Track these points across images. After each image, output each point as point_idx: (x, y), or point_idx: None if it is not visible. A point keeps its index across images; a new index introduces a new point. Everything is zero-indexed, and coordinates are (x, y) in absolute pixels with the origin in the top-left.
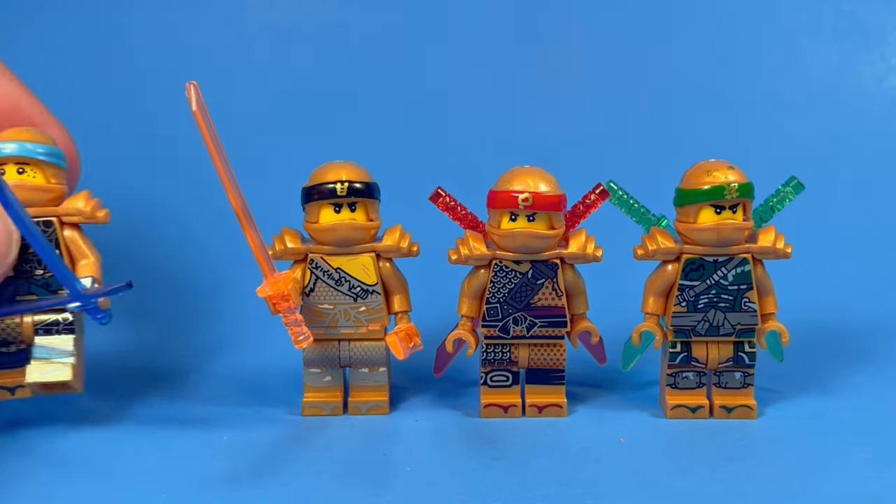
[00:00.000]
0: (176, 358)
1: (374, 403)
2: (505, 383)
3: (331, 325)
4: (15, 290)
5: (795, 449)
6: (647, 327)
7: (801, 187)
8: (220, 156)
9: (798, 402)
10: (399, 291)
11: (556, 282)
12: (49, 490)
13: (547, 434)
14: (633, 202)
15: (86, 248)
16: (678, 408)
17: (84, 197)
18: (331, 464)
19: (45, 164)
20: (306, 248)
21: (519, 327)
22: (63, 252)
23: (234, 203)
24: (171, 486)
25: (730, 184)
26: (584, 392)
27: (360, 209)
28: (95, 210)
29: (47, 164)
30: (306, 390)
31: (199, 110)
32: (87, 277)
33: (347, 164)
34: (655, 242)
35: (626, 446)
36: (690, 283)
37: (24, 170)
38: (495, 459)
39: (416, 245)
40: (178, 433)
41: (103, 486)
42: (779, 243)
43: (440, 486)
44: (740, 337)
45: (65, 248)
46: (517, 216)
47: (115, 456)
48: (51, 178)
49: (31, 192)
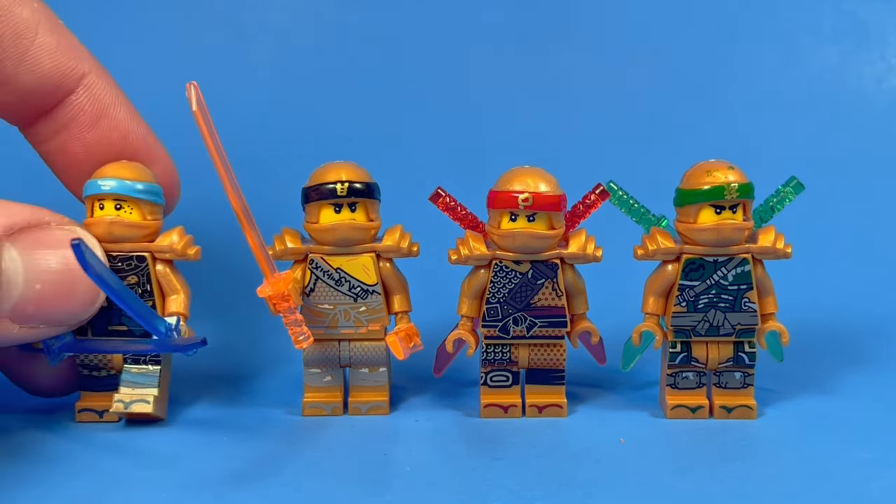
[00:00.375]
0: (176, 359)
1: (374, 403)
2: (505, 383)
3: (331, 326)
4: (108, 320)
5: (795, 449)
6: (647, 327)
7: (801, 187)
8: (220, 156)
9: (798, 402)
10: (399, 291)
11: (556, 282)
12: (49, 490)
13: (547, 434)
14: (633, 202)
15: (177, 283)
16: (678, 408)
17: (178, 233)
18: (331, 464)
19: (143, 201)
20: (306, 248)
21: (519, 327)
22: (154, 286)
23: (235, 203)
24: (172, 486)
25: (730, 184)
26: (584, 392)
27: (361, 209)
28: (187, 248)
29: (144, 201)
30: (306, 390)
31: (200, 110)
32: (173, 316)
33: (347, 164)
34: (655, 242)
35: (626, 446)
36: (690, 283)
37: (122, 206)
38: (495, 459)
39: (416, 245)
40: (178, 434)
41: (103, 485)
42: (779, 243)
43: (440, 486)
44: (740, 337)
45: (156, 283)
46: (517, 216)
47: (115, 456)
48: (147, 214)
49: (127, 228)
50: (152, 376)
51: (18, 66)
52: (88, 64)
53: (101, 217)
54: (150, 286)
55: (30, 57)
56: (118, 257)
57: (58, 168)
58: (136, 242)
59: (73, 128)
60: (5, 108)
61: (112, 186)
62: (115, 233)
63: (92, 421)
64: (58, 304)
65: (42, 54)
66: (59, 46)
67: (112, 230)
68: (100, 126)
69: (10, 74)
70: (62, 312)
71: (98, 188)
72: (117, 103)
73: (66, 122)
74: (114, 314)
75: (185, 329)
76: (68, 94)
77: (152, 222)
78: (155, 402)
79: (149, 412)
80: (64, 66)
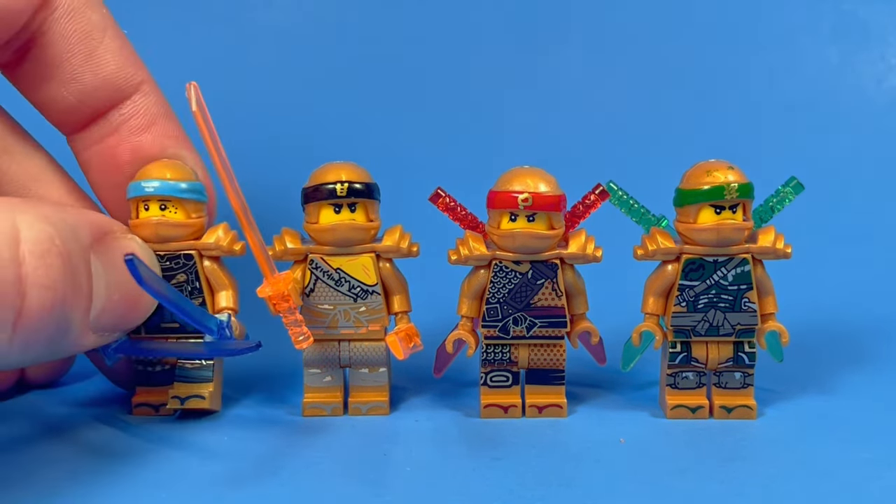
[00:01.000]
0: None
1: (374, 404)
2: (505, 383)
3: (331, 326)
4: (161, 317)
5: (795, 449)
6: (647, 327)
7: (801, 187)
8: (221, 156)
9: (798, 402)
10: (399, 292)
11: (555, 282)
12: (48, 490)
13: (547, 434)
14: (633, 202)
15: (225, 279)
16: (678, 408)
17: (223, 228)
18: (331, 464)
19: (187, 200)
20: (306, 248)
21: (519, 327)
22: (203, 283)
23: (235, 203)
24: (172, 487)
25: (730, 184)
26: (584, 392)
27: (360, 209)
28: (233, 244)
29: (188, 200)
30: (306, 391)
31: (199, 110)
32: (224, 312)
33: (347, 164)
34: (655, 242)
35: (626, 446)
36: (690, 283)
37: (167, 206)
38: (495, 459)
39: (416, 245)
40: (178, 434)
41: (103, 485)
42: (779, 243)
43: (440, 486)
44: (740, 337)
45: (204, 280)
46: (517, 216)
47: (115, 456)
48: (192, 213)
49: (173, 228)
50: (206, 371)
51: (84, 66)
52: (145, 73)
53: (147, 218)
54: (198, 283)
55: (96, 58)
56: (166, 256)
57: (98, 172)
58: (183, 241)
59: (125, 131)
60: (63, 110)
61: (156, 187)
62: (161, 233)
63: (148, 415)
64: (129, 312)
65: (108, 56)
66: (122, 51)
67: (159, 231)
68: (151, 132)
69: (76, 73)
70: (131, 321)
71: (142, 190)
72: (168, 113)
73: (119, 123)
74: (165, 312)
75: (236, 324)
76: (125, 100)
77: (197, 220)
78: (210, 397)
79: (205, 407)
80: (126, 70)
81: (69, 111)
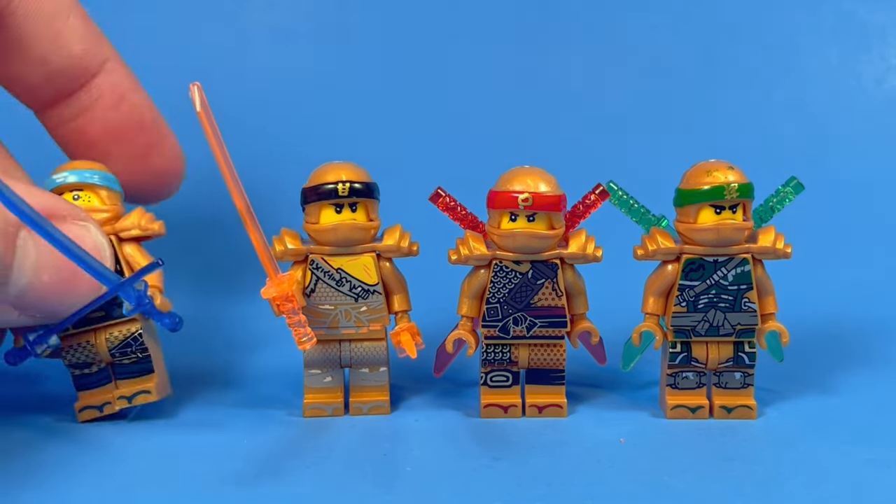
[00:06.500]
0: (177, 359)
1: (375, 403)
2: (505, 383)
3: (332, 326)
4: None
5: (795, 449)
6: (647, 327)
7: (801, 187)
8: (225, 156)
9: (798, 402)
10: (399, 291)
11: (556, 282)
12: (48, 490)
13: (547, 434)
14: (633, 202)
15: (144, 262)
16: (678, 408)
17: (138, 213)
18: (331, 464)
19: (99, 187)
20: (307, 248)
21: (519, 327)
22: (124, 268)
23: (239, 203)
24: (172, 487)
25: (730, 184)
26: (584, 392)
27: (361, 209)
28: (150, 222)
29: (100, 187)
30: (307, 392)
31: (204, 111)
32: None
33: (347, 164)
34: (655, 242)
35: (626, 446)
36: (690, 283)
37: (80, 196)
38: (495, 459)
39: (416, 245)
40: (178, 434)
41: (103, 485)
42: (779, 243)
43: (440, 486)
44: (740, 337)
45: (125, 264)
46: (517, 216)
47: (115, 456)
48: (105, 199)
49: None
50: (145, 363)
51: (50, 47)
52: (110, 50)
53: None
54: (119, 266)
55: (62, 38)
56: None
57: (74, 150)
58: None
59: (95, 110)
60: (30, 90)
61: (65, 177)
62: None
63: (94, 418)
64: (60, 297)
65: (74, 36)
66: (87, 31)
67: None
68: (120, 109)
69: (43, 54)
70: (62, 305)
71: (54, 183)
72: (135, 88)
73: (89, 104)
74: None
75: (161, 299)
76: (92, 78)
77: (112, 207)
78: (156, 389)
79: (153, 400)
80: (91, 49)
81: (37, 91)
